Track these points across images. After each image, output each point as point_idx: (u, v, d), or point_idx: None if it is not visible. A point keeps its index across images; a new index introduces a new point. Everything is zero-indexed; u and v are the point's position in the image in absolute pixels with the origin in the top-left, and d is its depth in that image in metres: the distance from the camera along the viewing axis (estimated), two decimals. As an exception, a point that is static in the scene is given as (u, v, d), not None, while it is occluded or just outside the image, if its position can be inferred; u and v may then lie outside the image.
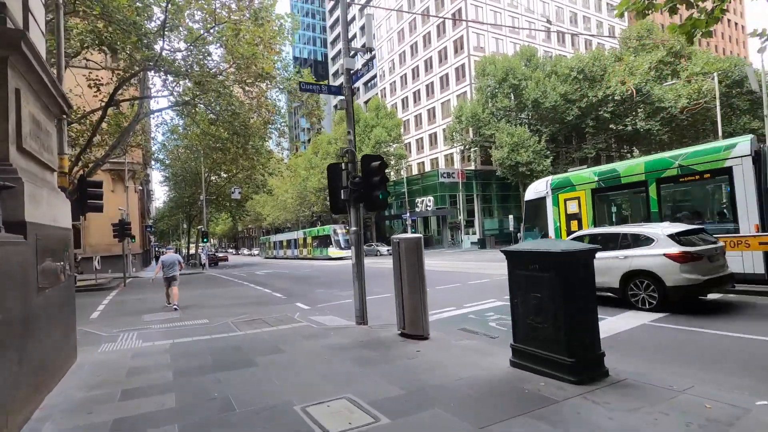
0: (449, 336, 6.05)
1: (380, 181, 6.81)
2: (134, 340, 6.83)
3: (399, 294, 6.10)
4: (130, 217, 28.46)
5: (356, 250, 7.28)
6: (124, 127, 19.23)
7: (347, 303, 10.18)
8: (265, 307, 10.36)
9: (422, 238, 5.99)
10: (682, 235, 7.53)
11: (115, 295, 14.85)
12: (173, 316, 9.57)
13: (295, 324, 7.64)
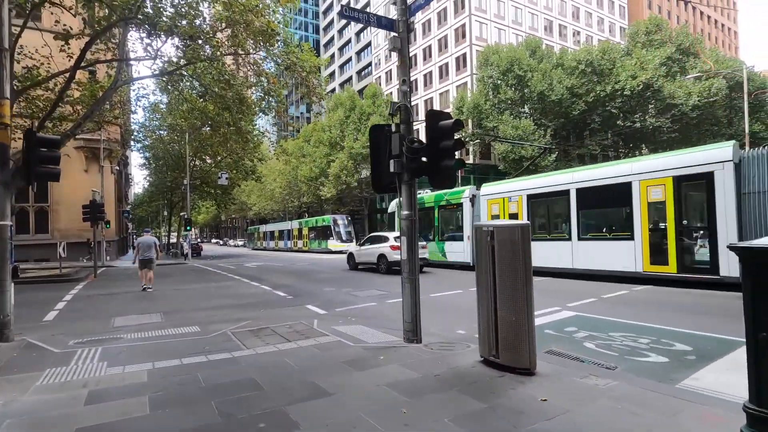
0: (556, 367, 4.20)
1: (453, 146, 4.89)
2: (96, 361, 4.77)
3: (486, 306, 4.23)
4: (106, 200, 25.84)
5: (408, 244, 5.36)
6: (99, 97, 16.78)
7: (371, 307, 8.29)
8: (270, 309, 8.36)
9: (529, 226, 4.11)
10: (398, 238, 12.28)
11: (81, 288, 12.57)
12: (152, 320, 7.48)
13: (320, 338, 5.69)
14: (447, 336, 5.85)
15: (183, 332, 6.35)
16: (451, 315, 7.49)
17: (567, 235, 12.52)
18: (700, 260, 9.69)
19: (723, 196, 9.27)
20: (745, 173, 9.18)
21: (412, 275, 5.35)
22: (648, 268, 10.52)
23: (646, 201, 10.69)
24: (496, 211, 14.80)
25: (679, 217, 10.06)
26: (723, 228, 9.21)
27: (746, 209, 9.04)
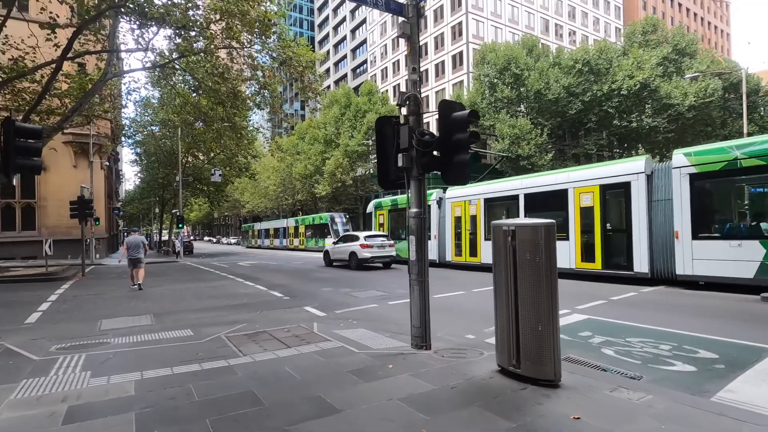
0: (579, 378, 3.89)
1: (468, 139, 4.55)
2: (78, 371, 4.37)
3: (505, 312, 3.90)
4: (95, 196, 25.22)
5: (417, 243, 5.02)
6: (89, 90, 16.25)
7: (372, 309, 7.95)
8: (266, 311, 7.98)
9: (554, 225, 3.78)
10: (368, 237, 16.59)
11: (68, 287, 12.07)
12: (142, 322, 7.07)
13: (322, 344, 5.34)
14: (456, 341, 5.53)
15: (174, 336, 5.96)
16: (457, 318, 7.17)
17: None
18: (619, 258, 11.12)
19: (637, 202, 10.65)
20: (656, 184, 10.51)
21: (421, 277, 5.01)
22: (579, 265, 11.85)
23: (578, 206, 12.00)
24: (459, 213, 16.26)
25: (604, 220, 11.38)
26: (637, 230, 10.63)
27: (656, 214, 10.39)
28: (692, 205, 9.68)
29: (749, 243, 8.80)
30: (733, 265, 8.98)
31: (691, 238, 9.66)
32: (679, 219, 9.89)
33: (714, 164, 9.44)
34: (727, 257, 9.10)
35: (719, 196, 10.03)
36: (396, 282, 12.10)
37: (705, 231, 9.63)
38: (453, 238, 16.34)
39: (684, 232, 9.78)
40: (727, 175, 9.30)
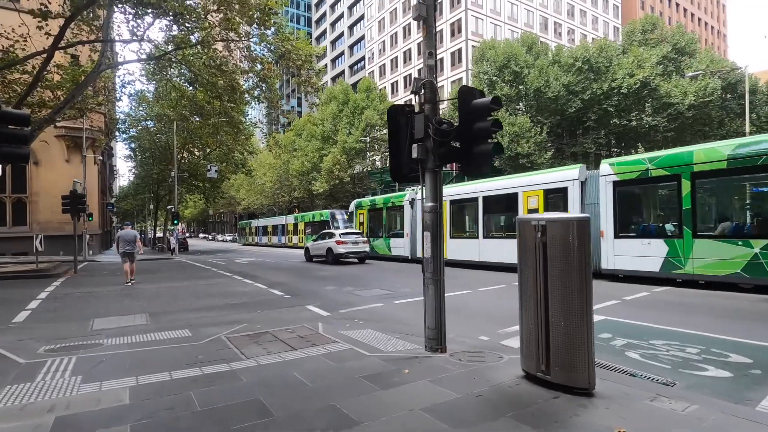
0: (611, 384, 3.60)
1: (490, 127, 4.25)
2: (68, 375, 4.03)
3: (533, 314, 3.61)
4: (89, 192, 24.71)
5: (432, 240, 4.71)
6: (81, 81, 15.80)
7: (378, 309, 7.65)
8: (267, 311, 7.65)
9: (589, 219, 3.49)
10: (343, 234, 18.35)
11: (59, 285, 11.65)
12: (136, 322, 6.72)
13: (330, 346, 5.03)
14: (470, 343, 5.24)
15: (172, 337, 5.62)
16: (466, 318, 6.88)
17: (476, 233, 15.15)
18: None
19: (573, 205, 12.00)
20: (588, 189, 11.92)
21: (436, 275, 4.71)
22: None
23: (526, 207, 13.40)
24: None
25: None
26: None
27: (602, 215, 11.35)
28: (614, 208, 10.99)
29: (656, 241, 10.14)
30: (644, 260, 10.28)
31: (614, 236, 10.98)
32: (604, 220, 11.14)
33: (631, 173, 10.70)
34: (640, 254, 10.40)
35: (636, 200, 11.40)
36: (400, 280, 11.81)
37: (624, 231, 10.92)
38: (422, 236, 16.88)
39: (608, 232, 11.09)
40: (641, 182, 10.70)
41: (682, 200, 9.71)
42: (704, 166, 9.41)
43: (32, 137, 15.38)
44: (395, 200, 19.58)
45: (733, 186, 9.75)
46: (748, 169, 8.83)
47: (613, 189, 11.03)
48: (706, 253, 9.28)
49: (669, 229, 10.19)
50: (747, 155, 8.77)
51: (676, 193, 9.89)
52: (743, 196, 9.71)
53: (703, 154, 9.53)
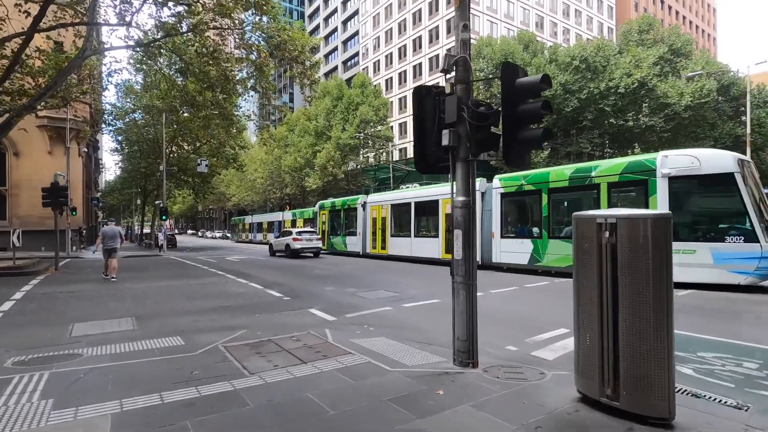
0: (684, 410, 3.07)
1: (539, 110, 3.68)
2: (37, 398, 3.36)
3: (596, 328, 3.06)
4: (72, 185, 23.67)
5: (464, 239, 4.14)
6: (64, 67, 14.91)
7: (387, 313, 7.07)
8: (267, 314, 7.02)
9: (671, 217, 2.94)
10: (299, 233, 20.88)
11: (37, 283, 10.83)
12: (122, 327, 6.04)
13: (343, 358, 4.43)
14: (498, 355, 4.70)
15: (162, 346, 4.97)
16: (484, 323, 6.27)
17: (409, 233, 17.79)
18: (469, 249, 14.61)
19: (479, 210, 14.04)
20: (486, 198, 14.39)
21: (468, 279, 4.14)
22: (443, 256, 15.68)
23: (444, 212, 15.83)
24: (375, 215, 20.17)
25: (484, 224, 14.56)
26: (479, 230, 14.01)
27: (485, 220, 14.24)
28: (501, 215, 13.79)
29: (526, 241, 12.89)
30: (518, 255, 13.05)
31: (500, 237, 13.74)
32: (494, 224, 13.91)
33: (512, 187, 13.46)
34: (516, 250, 13.16)
35: (514, 208, 14.10)
36: (403, 281, 11.24)
37: (507, 232, 13.72)
38: (371, 235, 20.31)
39: (497, 233, 13.85)
40: (518, 195, 13.50)
41: (542, 209, 12.42)
42: (556, 183, 12.17)
43: (10, 125, 14.45)
44: (350, 203, 22.45)
45: (572, 198, 12.37)
46: (581, 186, 11.69)
47: (500, 199, 13.81)
48: (556, 250, 12.02)
49: (534, 231, 12.91)
50: (580, 176, 11.70)
51: (539, 203, 12.62)
52: (579, 206, 11.73)
53: (554, 174, 12.50)
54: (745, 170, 9.50)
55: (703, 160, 9.54)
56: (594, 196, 11.26)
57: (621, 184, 10.93)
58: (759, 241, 8.69)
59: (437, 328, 6.12)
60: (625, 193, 11.20)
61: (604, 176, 11.15)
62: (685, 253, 9.30)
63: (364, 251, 20.49)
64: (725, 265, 9.00)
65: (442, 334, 5.71)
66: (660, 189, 9.97)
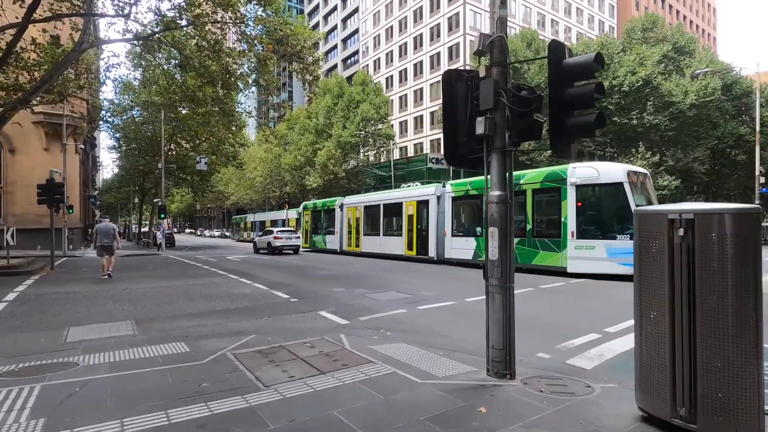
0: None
1: (591, 93, 3.30)
2: (25, 419, 2.96)
3: (667, 339, 2.67)
4: (69, 182, 23.20)
5: (501, 238, 3.76)
6: (60, 60, 14.48)
7: (402, 316, 6.70)
8: (275, 317, 6.62)
9: (760, 211, 2.56)
10: (279, 231, 23.02)
11: (31, 284, 10.40)
12: (121, 332, 5.64)
13: (365, 367, 4.05)
14: (530, 362, 4.35)
15: (165, 354, 4.57)
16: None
17: (378, 232, 19.88)
18: (423, 248, 16.89)
19: (433, 212, 16.51)
20: (441, 201, 16.14)
21: (505, 282, 3.76)
22: (406, 253, 17.75)
23: (406, 213, 17.99)
24: (350, 216, 22.03)
25: (417, 223, 17.32)
26: (432, 230, 16.49)
27: (440, 220, 16.10)
28: (452, 216, 15.67)
29: (470, 239, 14.67)
30: (465, 251, 14.84)
31: (451, 235, 15.54)
32: (447, 223, 15.74)
33: (461, 192, 15.38)
34: (463, 247, 14.95)
35: (463, 210, 15.80)
36: (413, 282, 10.85)
37: (457, 231, 15.53)
38: (347, 234, 22.20)
39: (449, 232, 15.68)
40: (466, 199, 15.28)
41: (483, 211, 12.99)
42: None
43: (4, 120, 13.98)
44: (329, 204, 24.58)
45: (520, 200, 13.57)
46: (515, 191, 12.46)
47: (452, 202, 15.70)
48: None
49: (477, 230, 14.48)
50: (518, 182, 12.99)
51: (480, 206, 14.17)
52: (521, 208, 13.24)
53: None
54: (637, 180, 11.59)
55: (601, 172, 11.55)
56: (521, 200, 13.07)
57: (541, 190, 12.84)
58: None
59: (458, 332, 5.75)
60: (544, 198, 12.97)
61: (529, 184, 13.05)
62: (587, 249, 11.37)
63: (341, 249, 22.42)
64: (616, 258, 10.81)
65: (463, 339, 5.35)
66: (569, 195, 11.81)
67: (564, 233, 11.87)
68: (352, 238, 21.65)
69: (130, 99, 30.58)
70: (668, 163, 32.50)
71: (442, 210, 16.01)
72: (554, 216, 12.36)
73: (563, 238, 11.89)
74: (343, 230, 22.49)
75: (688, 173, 34.07)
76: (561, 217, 11.99)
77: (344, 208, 22.45)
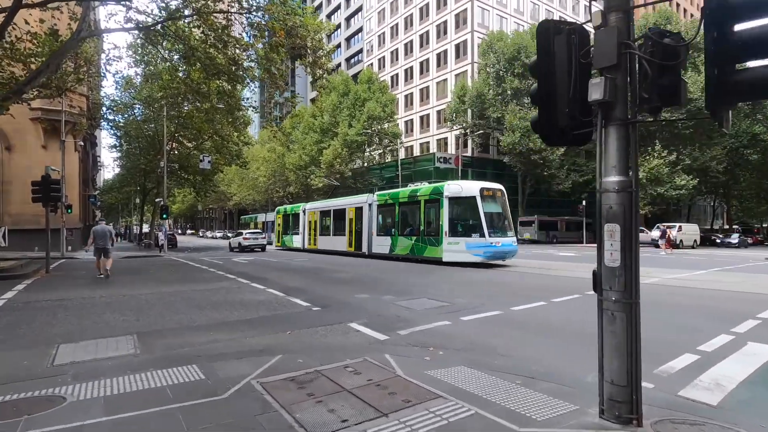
0: None
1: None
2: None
3: None
4: (68, 181, 22.34)
5: (624, 239, 2.83)
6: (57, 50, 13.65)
7: (447, 329, 5.80)
8: (299, 330, 5.70)
9: None
10: (248, 233, 28.64)
11: (22, 289, 9.47)
12: (120, 351, 4.72)
13: (435, 406, 3.12)
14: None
15: (175, 382, 3.65)
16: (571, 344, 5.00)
17: (329, 233, 23.76)
18: (359, 245, 20.45)
19: (365, 217, 20.18)
20: (372, 207, 19.83)
21: (629, 296, 2.82)
22: (348, 249, 21.31)
23: (348, 217, 21.71)
24: (310, 219, 25.85)
25: (356, 226, 20.90)
26: (365, 230, 20.08)
27: (370, 223, 19.83)
28: (377, 219, 19.59)
29: (387, 237, 18.58)
30: (383, 246, 18.64)
31: (375, 234, 19.49)
32: (373, 225, 19.71)
33: (382, 200, 19.36)
34: (383, 244, 18.76)
35: (384, 215, 19.45)
36: (435, 285, 9.91)
37: (380, 232, 19.39)
38: (308, 234, 26.03)
39: (374, 232, 19.60)
40: (385, 206, 19.17)
41: (395, 216, 18.37)
42: (403, 198, 18.15)
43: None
44: (296, 209, 28.50)
45: (410, 209, 17.79)
46: (413, 201, 17.53)
47: (377, 209, 19.65)
48: (402, 243, 17.72)
49: (392, 231, 18.46)
50: (413, 195, 17.59)
51: (394, 212, 18.51)
52: (414, 215, 17.52)
53: (402, 193, 18.61)
54: (494, 194, 15.71)
55: (464, 188, 15.70)
56: (417, 207, 17.28)
57: (429, 200, 16.67)
58: (485, 237, 14.56)
59: (521, 350, 4.83)
60: (431, 207, 16.60)
61: (422, 195, 17.05)
62: (454, 244, 15.24)
63: (304, 247, 26.27)
64: (471, 250, 14.77)
65: (531, 359, 4.44)
66: (444, 204, 15.71)
67: (441, 233, 15.72)
68: (311, 238, 25.53)
69: (131, 96, 29.71)
70: (685, 162, 31.52)
71: (370, 215, 19.95)
72: (436, 220, 16.15)
73: (440, 237, 15.73)
74: (305, 231, 26.41)
75: (704, 172, 33.08)
76: (440, 221, 15.84)
77: (306, 213, 26.41)
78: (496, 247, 14.71)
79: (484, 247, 14.50)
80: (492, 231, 14.75)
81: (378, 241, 19.10)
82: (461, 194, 15.40)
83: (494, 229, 14.94)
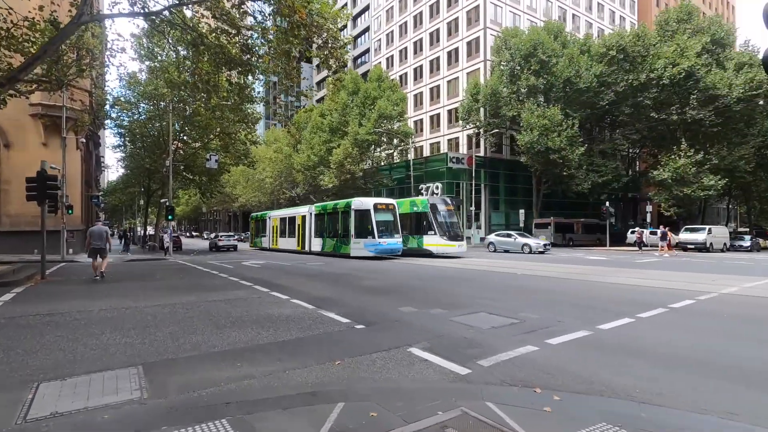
0: None
1: None
2: None
3: None
4: (69, 180, 21.26)
5: None
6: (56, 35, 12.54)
7: (537, 356, 4.51)
8: (350, 358, 4.44)
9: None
10: (222, 236, 35.67)
11: (11, 299, 8.23)
12: (121, 395, 3.48)
13: None
14: None
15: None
16: (706, 376, 3.72)
17: (285, 235, 29.30)
18: (303, 244, 26.17)
19: (308, 223, 26.05)
20: (313, 215, 25.83)
21: None
22: (297, 248, 26.86)
23: (297, 223, 27.35)
24: (273, 224, 31.24)
25: (303, 230, 26.49)
26: (307, 233, 25.92)
27: (311, 227, 25.90)
28: (314, 224, 25.22)
29: (319, 239, 24.51)
30: (318, 247, 24.39)
31: (314, 236, 25.06)
32: (312, 229, 25.37)
33: (318, 211, 25.20)
34: (318, 244, 24.33)
35: (320, 222, 24.72)
36: (482, 296, 8.59)
37: (316, 234, 24.92)
38: (272, 236, 31.43)
39: (313, 234, 25.22)
40: (320, 215, 24.89)
41: (325, 222, 24.13)
42: (329, 210, 23.93)
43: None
44: (263, 216, 34.23)
45: (334, 218, 23.47)
46: (333, 212, 23.62)
47: (314, 217, 25.17)
48: (328, 243, 23.34)
49: (323, 234, 24.02)
50: (332, 208, 23.71)
51: (324, 219, 24.42)
52: (334, 223, 23.38)
53: (329, 205, 24.35)
54: (387, 207, 21.56)
55: (364, 203, 21.31)
56: (338, 217, 22.86)
57: (344, 212, 22.28)
58: (375, 238, 20.07)
59: (671, 394, 3.52)
60: (347, 216, 21.93)
61: (340, 208, 22.72)
62: (358, 244, 20.58)
63: (269, 247, 31.96)
64: (367, 248, 20.20)
65: (696, 406, 3.14)
66: (353, 214, 21.30)
67: (350, 236, 21.30)
68: (274, 239, 31.10)
69: (136, 92, 28.64)
70: (712, 161, 30.07)
71: (310, 222, 25.39)
72: (349, 226, 21.50)
73: (349, 238, 21.29)
74: (269, 234, 32.04)
75: (731, 172, 31.58)
76: (351, 227, 21.27)
77: (270, 219, 32.16)
78: (383, 246, 20.23)
79: (374, 246, 20.05)
80: (380, 234, 20.24)
81: (315, 242, 24.75)
82: (362, 207, 21.01)
83: (382, 233, 20.36)
